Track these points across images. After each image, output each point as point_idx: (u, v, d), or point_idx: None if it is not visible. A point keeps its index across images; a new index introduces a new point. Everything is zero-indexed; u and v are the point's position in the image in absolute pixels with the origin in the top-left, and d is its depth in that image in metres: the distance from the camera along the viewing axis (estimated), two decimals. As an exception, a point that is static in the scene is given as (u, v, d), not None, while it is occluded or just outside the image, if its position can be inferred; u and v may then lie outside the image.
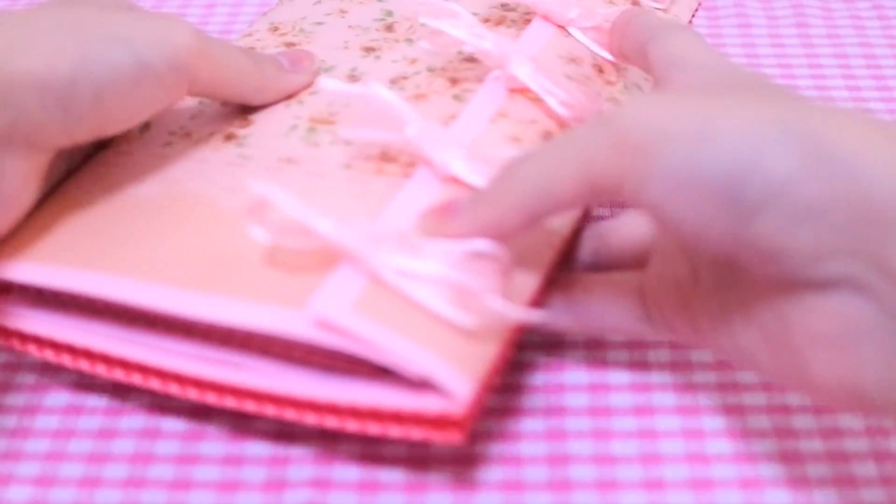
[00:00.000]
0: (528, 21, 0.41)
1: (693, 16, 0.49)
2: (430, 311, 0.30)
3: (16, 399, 0.35)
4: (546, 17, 0.41)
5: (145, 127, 0.38)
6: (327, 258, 0.31)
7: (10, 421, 0.34)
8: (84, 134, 0.33)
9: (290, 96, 0.38)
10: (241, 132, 0.37)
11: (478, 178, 0.33)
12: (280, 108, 0.38)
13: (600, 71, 0.40)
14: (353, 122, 0.35)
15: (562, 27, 0.41)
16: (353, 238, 0.30)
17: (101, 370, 0.33)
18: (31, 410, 0.35)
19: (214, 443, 0.33)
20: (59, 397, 0.35)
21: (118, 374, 0.33)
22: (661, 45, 0.34)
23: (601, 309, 0.34)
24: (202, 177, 0.36)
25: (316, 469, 0.32)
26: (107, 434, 0.34)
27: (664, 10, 0.46)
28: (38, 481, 0.32)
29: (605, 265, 0.36)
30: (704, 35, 0.52)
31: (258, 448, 0.33)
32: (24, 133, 0.31)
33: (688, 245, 0.31)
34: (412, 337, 0.29)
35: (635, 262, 0.35)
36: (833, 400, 0.28)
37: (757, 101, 0.28)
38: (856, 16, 0.53)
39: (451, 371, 0.29)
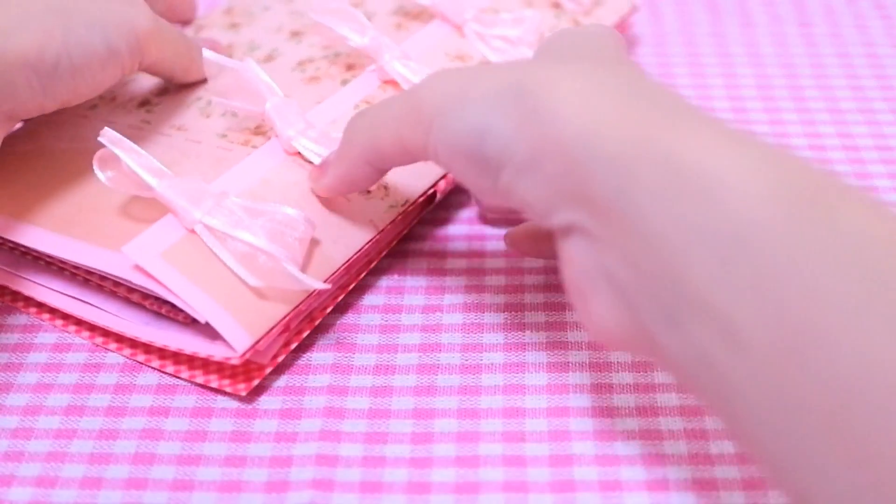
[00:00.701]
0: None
1: (624, 20, 0.48)
2: (229, 268, 0.34)
3: (17, 399, 0.35)
4: (444, 18, 0.45)
5: None
6: (161, 211, 0.35)
7: (12, 421, 0.34)
8: (53, 107, 0.36)
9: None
10: (155, 99, 0.42)
11: (317, 154, 0.37)
12: (196, 83, 0.42)
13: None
14: (231, 94, 0.38)
15: (458, 27, 0.44)
16: (176, 194, 0.34)
17: None
18: (32, 411, 0.35)
19: (216, 444, 0.33)
20: (60, 398, 0.35)
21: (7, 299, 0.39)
22: None
23: (541, 247, 0.37)
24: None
25: (317, 470, 0.32)
26: (108, 435, 0.34)
27: (586, 13, 0.47)
28: (39, 482, 0.32)
29: None
30: (706, 34, 0.52)
31: (260, 448, 0.33)
32: (9, 107, 0.34)
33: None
34: (208, 289, 0.33)
35: None
36: (604, 342, 0.29)
37: (509, 68, 0.29)
38: (858, 14, 0.53)
39: (231, 322, 0.33)
